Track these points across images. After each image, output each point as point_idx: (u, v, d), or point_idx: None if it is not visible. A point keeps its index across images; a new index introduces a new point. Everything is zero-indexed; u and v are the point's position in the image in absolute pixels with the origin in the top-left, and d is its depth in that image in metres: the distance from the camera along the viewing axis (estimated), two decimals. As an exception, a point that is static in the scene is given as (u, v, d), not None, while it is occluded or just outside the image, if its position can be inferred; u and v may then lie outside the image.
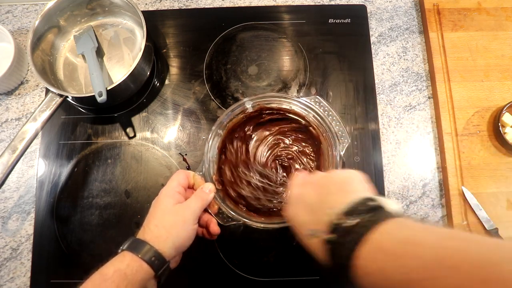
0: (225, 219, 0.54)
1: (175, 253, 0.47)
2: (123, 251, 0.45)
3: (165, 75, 0.74)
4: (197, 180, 0.55)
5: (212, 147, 0.59)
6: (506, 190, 0.66)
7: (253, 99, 0.60)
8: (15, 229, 0.66)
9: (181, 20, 0.77)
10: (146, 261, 0.43)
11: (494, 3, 0.76)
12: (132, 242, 0.46)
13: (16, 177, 0.69)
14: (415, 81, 0.74)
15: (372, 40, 0.76)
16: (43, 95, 0.73)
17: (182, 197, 0.51)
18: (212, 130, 0.59)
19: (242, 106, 0.60)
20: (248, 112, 0.61)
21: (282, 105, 0.61)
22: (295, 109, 0.61)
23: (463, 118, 0.69)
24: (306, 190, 0.42)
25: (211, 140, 0.59)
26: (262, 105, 0.61)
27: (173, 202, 0.49)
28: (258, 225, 0.54)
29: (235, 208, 0.56)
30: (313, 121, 0.60)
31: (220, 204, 0.55)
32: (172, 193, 0.50)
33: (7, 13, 0.78)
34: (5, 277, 0.64)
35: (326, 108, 0.59)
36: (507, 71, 0.72)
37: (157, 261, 0.44)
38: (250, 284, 0.63)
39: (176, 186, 0.51)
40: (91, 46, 0.69)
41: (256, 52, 0.75)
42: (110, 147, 0.70)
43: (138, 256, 0.43)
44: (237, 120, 0.62)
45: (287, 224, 0.52)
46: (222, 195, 0.57)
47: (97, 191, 0.67)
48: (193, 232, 0.48)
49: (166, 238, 0.46)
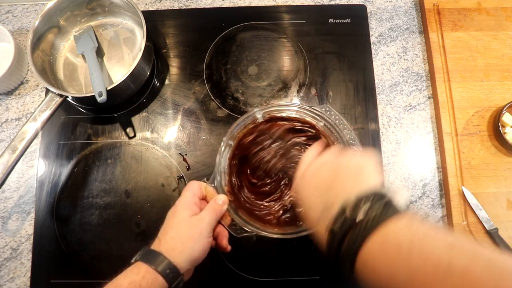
0: (238, 231, 0.54)
1: (189, 266, 0.46)
2: (137, 261, 0.44)
3: (165, 75, 0.74)
4: (209, 191, 0.54)
5: (223, 158, 0.58)
6: (506, 190, 0.66)
7: (263, 108, 0.59)
8: (15, 229, 0.66)
9: (181, 20, 0.77)
10: (161, 273, 0.42)
11: (494, 3, 0.76)
12: (146, 252, 0.45)
13: (16, 177, 0.69)
14: (415, 81, 0.74)
15: (372, 40, 0.76)
16: (43, 95, 0.73)
17: (198, 209, 0.50)
18: (223, 141, 0.58)
19: (252, 116, 0.59)
20: (259, 122, 0.60)
21: (292, 115, 0.61)
22: (305, 118, 0.60)
23: (463, 118, 0.69)
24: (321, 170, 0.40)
25: (222, 151, 0.58)
26: (272, 115, 0.60)
27: (189, 214, 0.48)
28: (272, 235, 0.53)
29: (248, 219, 0.55)
30: (324, 130, 0.60)
31: (233, 215, 0.54)
32: (188, 204, 0.49)
33: (7, 13, 0.78)
34: (5, 277, 0.64)
35: (337, 116, 0.59)
36: (507, 71, 0.72)
37: (171, 274, 0.43)
38: (250, 284, 0.63)
39: (192, 197, 0.50)
40: (91, 46, 0.69)
41: (256, 52, 0.75)
42: (110, 147, 0.70)
43: (153, 268, 0.43)
44: (247, 130, 0.60)
45: (301, 233, 0.52)
46: (234, 206, 0.56)
47: (97, 191, 0.67)
48: (208, 244, 0.48)
49: (181, 250, 0.45)
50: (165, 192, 0.67)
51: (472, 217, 0.65)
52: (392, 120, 0.72)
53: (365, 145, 0.69)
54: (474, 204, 0.64)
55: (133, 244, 0.65)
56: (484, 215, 0.64)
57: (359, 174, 0.37)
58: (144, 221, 0.66)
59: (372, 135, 0.70)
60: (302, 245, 0.64)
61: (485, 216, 0.64)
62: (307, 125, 0.62)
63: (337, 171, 0.39)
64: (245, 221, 0.54)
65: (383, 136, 0.71)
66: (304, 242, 0.64)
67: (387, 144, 0.70)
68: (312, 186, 0.40)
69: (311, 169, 0.42)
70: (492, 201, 0.65)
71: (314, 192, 0.39)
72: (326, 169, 0.40)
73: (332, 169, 0.40)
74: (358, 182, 0.36)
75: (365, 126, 0.70)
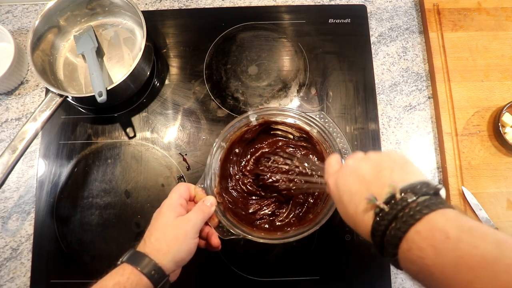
0: (225, 233, 0.54)
1: (175, 267, 0.46)
2: (123, 263, 0.45)
3: (165, 75, 0.74)
4: (198, 193, 0.54)
5: (214, 159, 0.58)
6: (506, 190, 0.66)
7: (257, 112, 0.59)
8: (15, 229, 0.66)
9: (181, 20, 0.77)
10: (146, 275, 0.43)
11: (494, 3, 0.76)
12: (132, 254, 0.45)
13: (16, 177, 0.69)
14: (415, 81, 0.74)
15: (372, 40, 0.76)
16: (43, 95, 0.73)
17: (184, 210, 0.50)
18: (215, 142, 0.58)
19: (246, 119, 0.59)
20: (252, 125, 0.61)
21: (286, 119, 0.61)
22: (299, 124, 0.60)
23: (463, 118, 0.69)
24: (362, 165, 0.40)
25: (214, 152, 0.58)
26: (266, 119, 0.61)
27: (174, 215, 0.48)
28: (258, 240, 0.54)
29: (235, 222, 0.56)
30: (317, 136, 0.60)
31: (220, 217, 0.54)
32: (174, 206, 0.49)
33: (7, 13, 0.78)
34: (5, 277, 0.64)
35: (331, 124, 0.59)
36: (507, 71, 0.72)
37: (156, 275, 0.44)
38: (250, 284, 0.63)
39: (178, 198, 0.50)
40: (91, 46, 0.69)
41: (256, 52, 0.75)
42: (110, 147, 0.70)
43: (138, 269, 0.43)
44: (240, 133, 0.61)
45: (287, 240, 0.53)
46: (222, 208, 0.56)
47: (97, 191, 0.67)
48: (194, 245, 0.48)
49: (166, 251, 0.45)
50: (165, 192, 0.67)
51: (472, 217, 0.65)
52: (392, 120, 0.72)
53: (365, 145, 0.69)
54: (474, 204, 0.64)
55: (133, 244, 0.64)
56: (484, 215, 0.64)
57: (405, 166, 0.38)
58: (144, 221, 0.66)
59: (372, 135, 0.70)
60: (302, 245, 0.64)
61: (485, 216, 0.64)
62: (301, 131, 0.62)
63: (381, 164, 0.39)
64: (232, 223, 0.55)
65: (383, 136, 0.71)
66: (304, 242, 0.64)
67: (387, 144, 0.70)
68: (354, 177, 0.40)
69: (352, 163, 0.42)
70: (492, 201, 0.65)
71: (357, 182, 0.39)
72: (369, 163, 0.40)
73: (375, 162, 0.40)
74: (406, 173, 0.37)
75: (365, 126, 0.70)
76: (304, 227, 0.55)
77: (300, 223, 0.59)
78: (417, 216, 0.32)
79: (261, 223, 0.61)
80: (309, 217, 0.59)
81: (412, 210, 0.32)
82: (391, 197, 0.35)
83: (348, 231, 0.65)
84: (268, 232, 0.58)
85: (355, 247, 0.64)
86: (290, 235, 0.54)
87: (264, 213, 0.62)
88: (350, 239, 0.64)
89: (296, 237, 0.53)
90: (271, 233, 0.58)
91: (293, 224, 0.60)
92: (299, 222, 0.60)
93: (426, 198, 0.33)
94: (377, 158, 0.41)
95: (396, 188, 0.34)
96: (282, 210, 0.62)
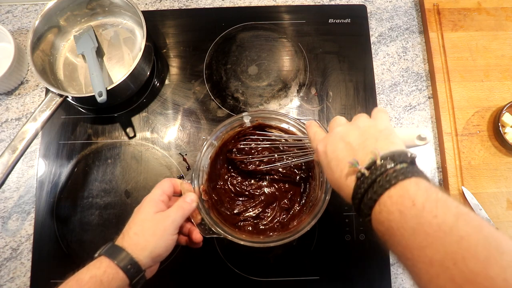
0: (206, 231, 0.54)
1: (152, 263, 0.46)
2: (100, 255, 0.45)
3: (165, 75, 0.74)
4: (185, 188, 0.53)
5: (204, 156, 0.58)
6: (506, 190, 0.66)
7: (252, 114, 0.59)
8: (15, 229, 0.66)
9: (181, 20, 0.77)
10: (122, 269, 0.43)
11: (494, 3, 0.76)
12: (110, 247, 0.45)
13: (16, 177, 0.69)
14: (415, 81, 0.74)
15: (372, 40, 0.76)
16: (43, 95, 0.73)
17: (165, 206, 0.50)
18: (207, 140, 0.58)
19: (240, 120, 0.59)
20: (246, 126, 0.61)
21: (280, 124, 0.60)
22: (292, 130, 0.60)
23: (463, 118, 0.69)
24: (350, 132, 0.42)
25: (205, 149, 0.58)
26: (260, 121, 0.61)
27: (154, 210, 0.48)
28: (239, 241, 0.53)
29: (218, 221, 0.55)
30: (309, 145, 0.60)
31: (203, 215, 0.54)
32: (155, 201, 0.49)
33: (7, 13, 0.78)
34: (5, 277, 0.64)
35: None
36: (507, 71, 0.72)
37: (132, 269, 0.44)
38: (250, 284, 0.63)
39: (160, 194, 0.50)
40: (91, 46, 0.69)
41: (256, 52, 0.75)
42: (110, 147, 0.70)
43: (114, 263, 0.43)
44: (233, 132, 0.61)
45: (268, 244, 0.53)
46: (207, 206, 0.56)
47: (97, 191, 0.67)
48: (172, 242, 0.48)
49: (144, 246, 0.45)
50: (165, 192, 0.67)
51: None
52: (392, 120, 0.72)
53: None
54: (474, 204, 0.64)
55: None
56: (484, 215, 0.64)
57: (389, 137, 0.40)
58: (144, 221, 0.66)
59: (372, 135, 0.70)
60: (302, 245, 0.64)
61: (485, 216, 0.64)
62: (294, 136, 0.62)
63: (368, 132, 0.41)
64: (215, 222, 0.54)
65: (383, 136, 0.70)
66: (304, 242, 0.64)
67: (387, 144, 0.70)
68: (342, 143, 0.41)
69: (340, 130, 0.43)
70: (492, 201, 0.65)
71: (344, 149, 0.41)
72: (357, 131, 0.42)
73: (363, 130, 0.42)
74: (389, 143, 0.39)
75: (365, 126, 0.70)
76: (286, 234, 0.55)
77: (283, 229, 0.59)
78: (393, 182, 0.34)
79: (245, 225, 0.61)
80: (293, 224, 0.59)
81: (389, 176, 0.35)
82: (372, 163, 0.36)
83: (348, 231, 0.65)
84: (251, 235, 0.58)
85: (355, 247, 0.64)
86: (272, 240, 0.54)
87: (248, 215, 0.62)
88: (350, 239, 0.64)
89: (277, 243, 0.53)
90: (254, 236, 0.58)
91: (277, 229, 0.60)
92: (282, 227, 0.60)
93: (403, 166, 0.35)
94: (364, 127, 0.42)
95: (377, 155, 0.37)
96: (267, 214, 0.62)
